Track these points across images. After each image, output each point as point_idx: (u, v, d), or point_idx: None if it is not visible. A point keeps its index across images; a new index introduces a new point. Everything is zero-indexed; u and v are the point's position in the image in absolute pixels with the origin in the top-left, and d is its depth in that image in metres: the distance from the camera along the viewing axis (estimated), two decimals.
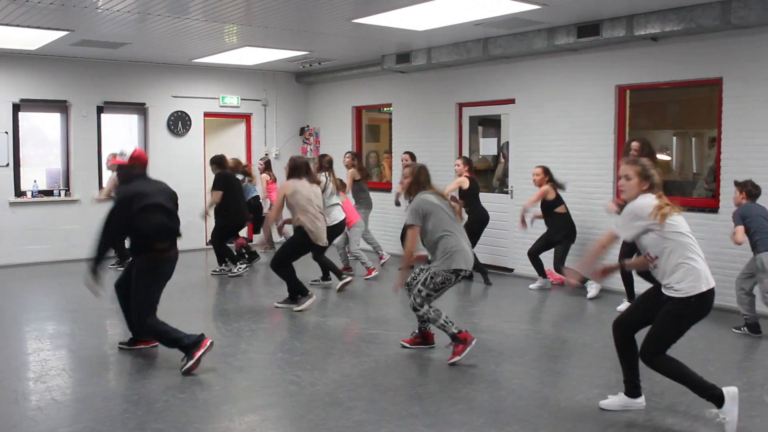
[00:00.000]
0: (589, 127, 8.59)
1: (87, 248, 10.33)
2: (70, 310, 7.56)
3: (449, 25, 8.04)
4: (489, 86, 9.80)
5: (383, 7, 7.18)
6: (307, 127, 13.09)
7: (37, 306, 7.96)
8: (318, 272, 8.69)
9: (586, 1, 7.01)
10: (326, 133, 12.78)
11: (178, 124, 11.76)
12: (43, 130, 11.28)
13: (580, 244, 8.38)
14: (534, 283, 8.61)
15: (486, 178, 10.39)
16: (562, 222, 8.19)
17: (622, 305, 7.15)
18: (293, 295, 7.48)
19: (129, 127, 11.69)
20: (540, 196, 8.18)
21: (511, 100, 9.54)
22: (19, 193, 10.52)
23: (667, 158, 9.44)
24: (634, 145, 7.04)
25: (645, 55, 7.95)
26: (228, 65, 11.65)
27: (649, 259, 4.21)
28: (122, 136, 11.57)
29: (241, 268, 9.46)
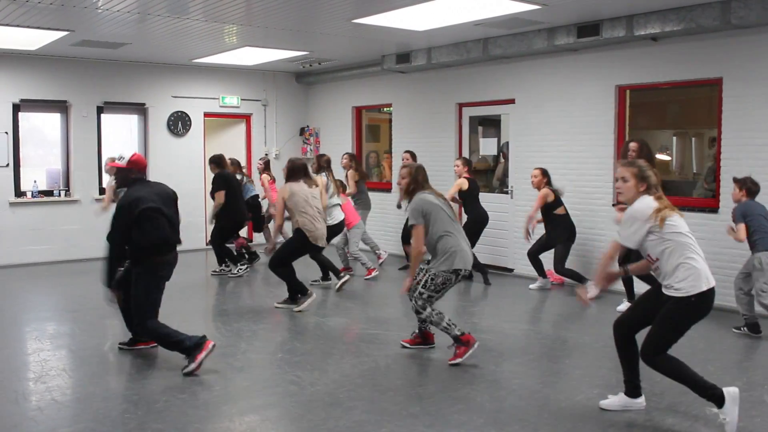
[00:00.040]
0: (589, 127, 8.58)
1: (87, 248, 10.64)
2: (70, 310, 7.57)
3: (449, 25, 8.04)
4: (489, 86, 9.80)
5: (383, 7, 7.19)
6: (307, 127, 13.08)
7: (37, 306, 7.96)
8: (318, 272, 8.70)
9: (586, 1, 7.01)
10: (326, 134, 12.77)
11: (178, 124, 11.75)
12: (43, 130, 11.27)
13: (580, 245, 8.39)
14: (534, 283, 8.61)
15: (486, 178, 10.39)
16: (562, 223, 8.18)
17: (622, 305, 7.16)
18: (293, 296, 7.48)
19: (129, 128, 11.68)
20: (541, 202, 8.17)
21: (511, 100, 9.54)
22: (19, 193, 10.51)
23: (667, 158, 9.45)
24: (632, 145, 7.03)
25: (645, 55, 7.95)
26: (228, 65, 11.64)
27: (650, 261, 4.21)
28: (122, 136, 11.57)
29: (242, 269, 9.46)
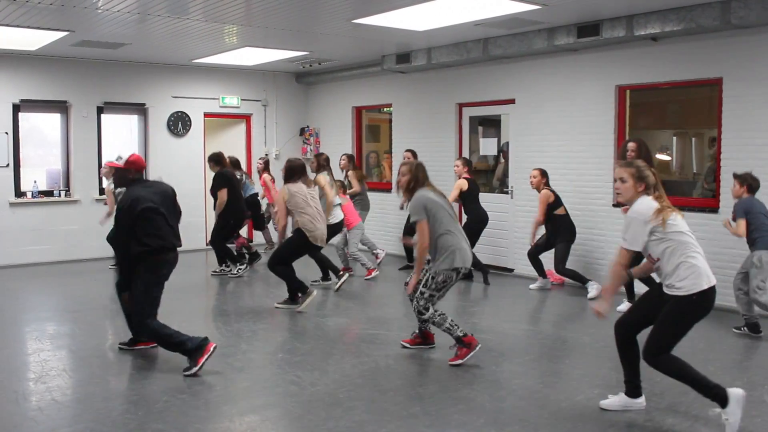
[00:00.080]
0: (589, 127, 8.58)
1: (87, 248, 10.64)
2: (70, 310, 7.57)
3: (449, 26, 8.04)
4: (489, 86, 9.80)
5: (383, 8, 7.19)
6: (307, 127, 13.08)
7: (37, 306, 7.96)
8: (318, 273, 8.70)
9: (586, 1, 7.01)
10: (326, 134, 12.77)
11: (178, 124, 11.75)
12: (43, 130, 11.27)
13: (580, 245, 8.39)
14: (534, 283, 8.61)
15: (486, 178, 10.39)
16: (563, 223, 8.18)
17: (623, 305, 7.15)
18: (293, 296, 7.48)
19: (129, 128, 11.68)
20: (544, 205, 8.17)
21: (511, 101, 9.54)
22: (19, 193, 10.52)
23: (667, 158, 9.45)
24: (631, 145, 7.03)
25: (645, 55, 7.95)
26: (228, 65, 11.64)
27: (651, 261, 4.22)
28: (122, 136, 11.57)
29: (242, 269, 9.46)
